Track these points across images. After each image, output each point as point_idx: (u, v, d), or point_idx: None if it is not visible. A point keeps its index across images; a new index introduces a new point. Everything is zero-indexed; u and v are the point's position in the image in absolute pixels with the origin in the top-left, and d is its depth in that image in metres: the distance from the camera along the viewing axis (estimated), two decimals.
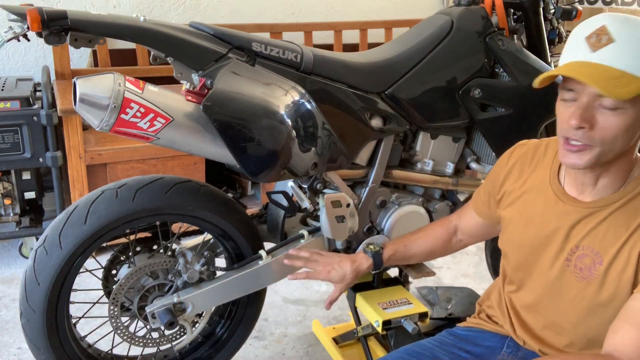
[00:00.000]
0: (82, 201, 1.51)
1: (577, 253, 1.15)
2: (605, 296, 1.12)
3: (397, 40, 1.82)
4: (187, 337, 1.71)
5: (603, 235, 1.12)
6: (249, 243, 1.67)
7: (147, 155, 2.69)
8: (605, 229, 1.12)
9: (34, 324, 1.52)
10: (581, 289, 1.15)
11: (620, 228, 1.10)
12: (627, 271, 1.09)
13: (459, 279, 2.71)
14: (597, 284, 1.12)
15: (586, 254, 1.14)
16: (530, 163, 1.27)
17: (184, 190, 1.56)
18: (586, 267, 1.14)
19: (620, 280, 1.10)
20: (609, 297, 1.12)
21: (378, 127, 1.67)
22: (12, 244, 2.91)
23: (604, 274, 1.11)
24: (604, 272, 1.11)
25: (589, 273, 1.13)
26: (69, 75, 2.85)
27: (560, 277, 1.18)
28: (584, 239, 1.14)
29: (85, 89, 1.30)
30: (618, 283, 1.10)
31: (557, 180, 1.21)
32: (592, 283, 1.13)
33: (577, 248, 1.15)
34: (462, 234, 1.53)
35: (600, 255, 1.12)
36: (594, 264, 1.13)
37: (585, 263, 1.14)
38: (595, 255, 1.13)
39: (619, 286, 1.10)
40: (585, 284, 1.14)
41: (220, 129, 1.38)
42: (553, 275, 1.19)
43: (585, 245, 1.14)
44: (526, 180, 1.27)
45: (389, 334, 1.82)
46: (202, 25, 1.47)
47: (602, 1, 3.94)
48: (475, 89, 1.74)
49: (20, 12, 1.30)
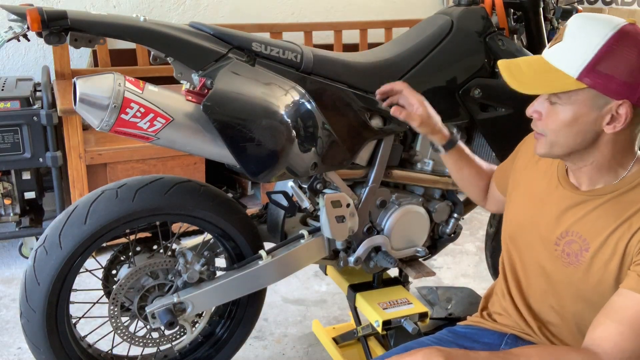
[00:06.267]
0: (82, 201, 1.51)
1: (566, 238, 1.17)
2: (590, 283, 1.14)
3: (397, 40, 1.82)
4: (187, 337, 1.71)
5: (593, 223, 1.14)
6: (249, 243, 1.67)
7: (147, 155, 2.69)
8: (596, 217, 1.14)
9: (34, 324, 1.52)
10: (568, 274, 1.17)
11: (610, 218, 1.12)
12: (612, 262, 1.10)
13: (459, 279, 2.71)
14: (583, 270, 1.14)
15: (574, 240, 1.16)
16: None
17: (184, 190, 1.56)
18: (573, 253, 1.16)
19: (606, 270, 1.11)
20: (594, 284, 1.13)
21: (378, 127, 1.67)
22: (12, 244, 2.91)
23: (589, 261, 1.13)
24: (590, 259, 1.13)
25: (576, 259, 1.16)
26: (69, 75, 2.85)
27: (548, 259, 1.21)
28: (574, 224, 1.17)
29: (85, 89, 1.30)
30: (603, 272, 1.11)
31: (563, 167, 1.24)
32: (578, 269, 1.15)
33: (566, 233, 1.18)
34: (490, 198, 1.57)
35: (588, 242, 1.14)
36: (580, 250, 1.15)
37: (572, 249, 1.16)
38: (583, 242, 1.15)
39: (604, 276, 1.11)
40: (572, 269, 1.16)
41: (220, 129, 1.37)
42: (542, 257, 1.23)
43: (575, 231, 1.16)
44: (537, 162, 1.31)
45: (389, 334, 1.83)
46: (202, 25, 1.47)
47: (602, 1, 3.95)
48: (475, 89, 1.74)
49: (20, 12, 1.30)
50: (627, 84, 1.02)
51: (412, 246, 1.82)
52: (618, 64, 1.02)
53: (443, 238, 1.91)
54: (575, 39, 1.06)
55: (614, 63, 1.02)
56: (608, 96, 1.04)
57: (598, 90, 1.04)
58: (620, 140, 1.10)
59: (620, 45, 1.02)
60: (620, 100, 1.03)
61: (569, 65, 1.05)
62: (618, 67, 1.02)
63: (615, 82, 1.02)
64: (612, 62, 1.02)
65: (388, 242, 1.77)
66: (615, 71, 1.02)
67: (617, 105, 1.04)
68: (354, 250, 1.77)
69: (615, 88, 1.03)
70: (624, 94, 1.03)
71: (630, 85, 1.03)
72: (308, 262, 1.74)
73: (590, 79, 1.03)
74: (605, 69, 1.02)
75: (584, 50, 1.04)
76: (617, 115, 1.05)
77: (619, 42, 1.02)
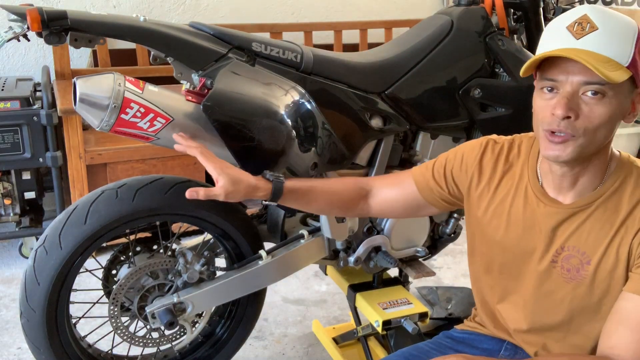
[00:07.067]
0: (82, 201, 1.51)
1: (563, 254, 1.14)
2: (597, 295, 1.12)
3: (397, 40, 1.82)
4: (187, 337, 1.71)
5: (587, 234, 1.11)
6: (249, 243, 1.67)
7: (147, 155, 2.69)
8: (589, 228, 1.11)
9: (34, 324, 1.52)
10: (571, 290, 1.14)
11: (604, 226, 1.10)
12: (618, 269, 1.09)
13: (459, 279, 2.71)
14: (588, 284, 1.12)
15: (572, 255, 1.13)
16: (505, 162, 1.24)
17: (183, 190, 1.55)
18: (574, 268, 1.13)
19: (612, 278, 1.09)
20: (601, 295, 1.11)
21: (378, 127, 1.67)
22: (12, 244, 2.91)
23: (593, 273, 1.11)
24: (594, 272, 1.11)
25: (577, 274, 1.13)
26: (69, 75, 2.85)
27: (547, 279, 1.17)
28: (569, 239, 1.14)
29: (85, 89, 1.30)
30: (610, 281, 1.10)
31: (536, 181, 1.19)
32: (582, 283, 1.13)
33: (562, 249, 1.14)
34: (374, 202, 1.39)
35: (588, 255, 1.11)
36: (581, 264, 1.12)
37: (572, 264, 1.13)
38: (582, 256, 1.12)
39: (611, 284, 1.10)
40: (574, 284, 1.14)
41: (220, 129, 1.37)
42: (540, 278, 1.18)
43: (571, 245, 1.13)
44: (501, 179, 1.24)
45: (389, 334, 1.83)
46: (202, 25, 1.47)
47: (602, 1, 3.94)
48: (475, 89, 1.74)
49: (20, 12, 1.30)
50: None
51: (412, 246, 1.82)
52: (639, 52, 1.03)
53: (443, 238, 1.91)
54: (612, 28, 1.01)
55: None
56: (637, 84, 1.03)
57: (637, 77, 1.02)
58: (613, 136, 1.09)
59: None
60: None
61: (618, 54, 1.00)
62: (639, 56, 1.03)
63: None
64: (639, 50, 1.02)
65: (388, 242, 1.77)
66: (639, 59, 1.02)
67: (638, 93, 1.05)
68: (354, 250, 1.77)
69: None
70: None
71: None
72: (308, 262, 1.74)
73: (635, 67, 1.01)
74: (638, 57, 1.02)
75: (624, 38, 1.01)
76: (636, 105, 1.05)
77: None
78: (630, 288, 1.06)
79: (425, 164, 1.37)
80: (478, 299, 1.36)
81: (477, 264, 1.32)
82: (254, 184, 1.27)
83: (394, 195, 1.38)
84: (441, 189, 1.32)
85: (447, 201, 1.34)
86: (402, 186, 1.37)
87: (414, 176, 1.36)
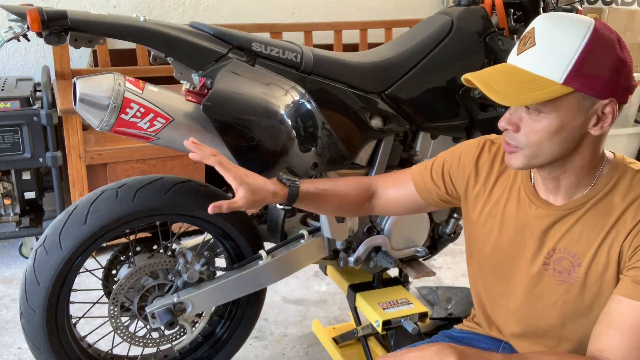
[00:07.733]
0: (82, 201, 1.51)
1: (555, 256, 1.14)
2: (588, 298, 1.11)
3: (397, 40, 1.82)
4: (187, 337, 1.72)
5: (578, 236, 1.11)
6: (249, 243, 1.67)
7: (147, 155, 2.69)
8: (580, 230, 1.11)
9: (34, 324, 1.52)
10: (562, 293, 1.14)
11: (595, 228, 1.09)
12: (608, 271, 1.08)
13: (459, 279, 2.71)
14: (579, 287, 1.11)
15: (564, 257, 1.13)
16: (502, 162, 1.24)
17: (183, 190, 1.56)
18: (565, 270, 1.13)
19: (603, 280, 1.08)
20: (593, 297, 1.11)
21: (378, 127, 1.67)
22: (12, 244, 2.91)
23: (584, 276, 1.10)
24: (584, 274, 1.10)
25: (569, 276, 1.12)
26: (69, 75, 2.85)
27: (539, 282, 1.17)
28: (560, 241, 1.13)
29: (85, 89, 1.30)
30: (601, 284, 1.09)
31: (529, 183, 1.19)
32: (573, 286, 1.12)
33: (553, 251, 1.14)
34: (378, 202, 1.41)
35: (579, 258, 1.11)
36: (572, 266, 1.12)
37: (563, 266, 1.13)
38: (573, 258, 1.11)
39: (602, 286, 1.09)
40: (566, 287, 1.13)
41: (220, 129, 1.38)
42: (532, 280, 1.18)
43: (562, 247, 1.13)
44: (497, 180, 1.24)
45: (389, 334, 1.83)
46: (202, 25, 1.47)
47: (602, 1, 3.94)
48: (475, 89, 1.74)
49: (20, 12, 1.30)
50: (611, 82, 1.00)
51: (412, 246, 1.82)
52: (600, 62, 0.99)
53: (443, 238, 1.91)
54: (552, 42, 1.00)
55: (597, 62, 0.99)
56: (595, 97, 1.00)
57: (585, 92, 1.00)
58: (598, 141, 1.07)
59: (598, 43, 0.99)
60: (606, 99, 1.01)
61: (551, 71, 0.99)
62: (601, 66, 0.99)
63: (601, 82, 0.99)
64: (594, 61, 0.99)
65: (388, 242, 1.77)
66: (598, 70, 0.99)
67: (603, 105, 1.01)
68: (354, 250, 1.77)
69: (601, 88, 1.00)
70: (609, 92, 1.00)
71: (614, 83, 1.00)
72: (308, 262, 1.74)
73: (577, 82, 0.99)
74: (589, 70, 0.99)
75: (565, 53, 0.99)
76: (604, 115, 1.02)
77: (596, 40, 0.99)
78: (620, 291, 1.05)
79: (424, 164, 1.37)
80: (475, 300, 1.37)
81: (474, 265, 1.33)
82: (272, 191, 1.26)
83: (395, 195, 1.39)
84: (439, 190, 1.32)
85: (445, 201, 1.35)
86: (402, 187, 1.38)
87: (412, 177, 1.37)
